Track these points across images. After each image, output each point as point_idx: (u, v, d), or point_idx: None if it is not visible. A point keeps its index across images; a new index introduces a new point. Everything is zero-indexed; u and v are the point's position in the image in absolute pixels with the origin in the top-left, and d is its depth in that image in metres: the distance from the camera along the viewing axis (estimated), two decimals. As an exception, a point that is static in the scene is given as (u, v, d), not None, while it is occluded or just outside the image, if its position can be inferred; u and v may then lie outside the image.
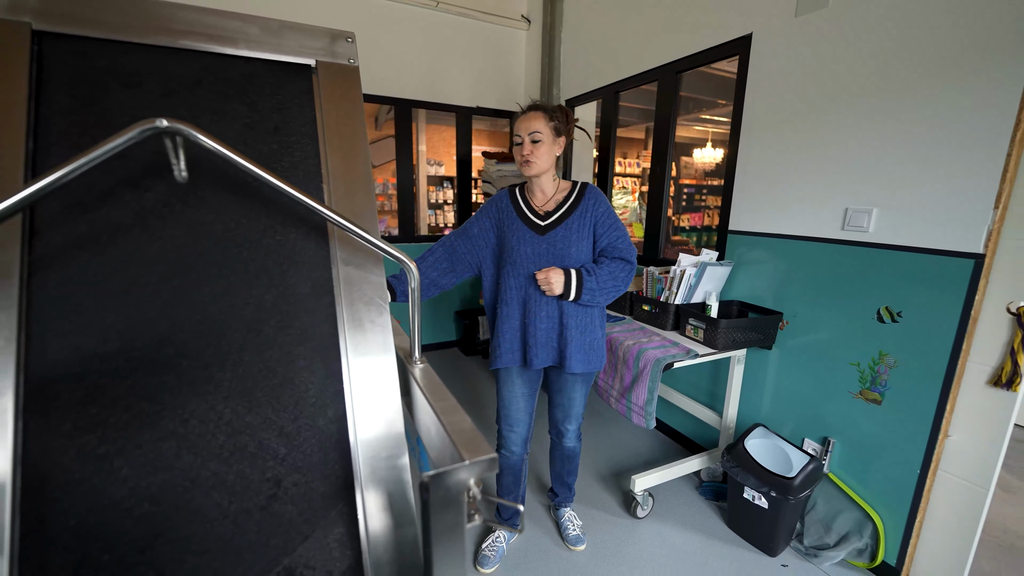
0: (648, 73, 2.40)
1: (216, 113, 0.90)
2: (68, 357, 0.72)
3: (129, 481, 0.71)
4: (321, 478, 0.81)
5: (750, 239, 1.96)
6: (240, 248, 0.85)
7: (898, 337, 1.51)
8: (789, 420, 1.86)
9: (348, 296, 0.90)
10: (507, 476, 1.59)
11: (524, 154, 1.34)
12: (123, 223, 0.79)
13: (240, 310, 0.83)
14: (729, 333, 1.76)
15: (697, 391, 2.26)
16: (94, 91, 0.82)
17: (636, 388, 1.70)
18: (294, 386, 0.83)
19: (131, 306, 0.76)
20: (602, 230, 1.40)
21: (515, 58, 3.44)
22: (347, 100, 1.01)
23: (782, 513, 1.61)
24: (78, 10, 0.83)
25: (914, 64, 1.42)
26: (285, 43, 0.98)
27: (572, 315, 1.39)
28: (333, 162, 0.95)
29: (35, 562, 0.65)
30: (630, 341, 1.80)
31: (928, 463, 1.48)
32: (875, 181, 1.53)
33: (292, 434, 0.81)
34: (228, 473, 0.76)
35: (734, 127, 1.97)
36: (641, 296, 2.14)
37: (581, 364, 1.41)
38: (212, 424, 0.77)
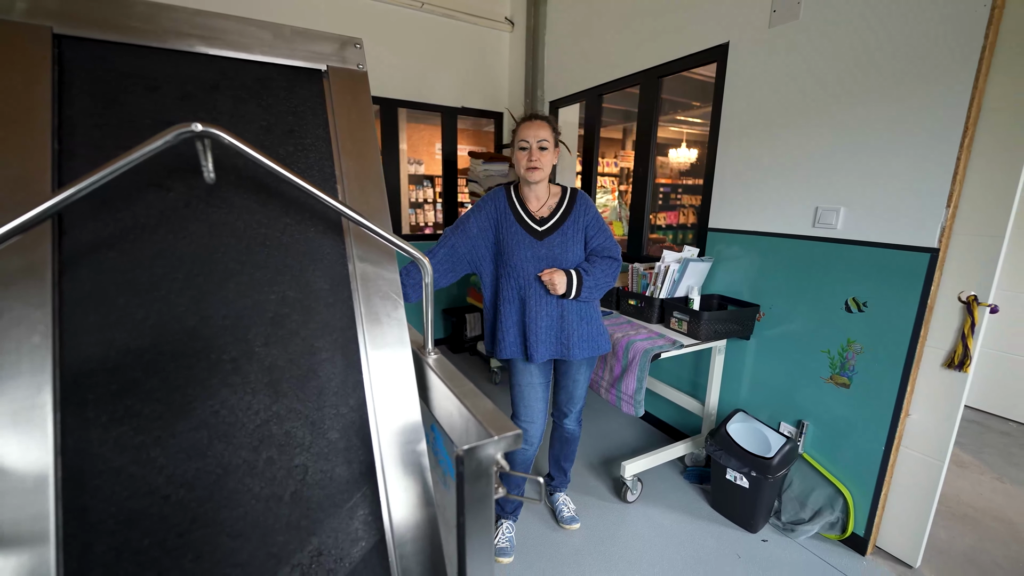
0: (631, 77, 2.50)
1: (233, 116, 0.93)
2: (102, 352, 0.74)
3: (165, 469, 0.74)
4: (345, 463, 0.86)
5: (728, 236, 2.08)
6: (261, 246, 0.89)
7: (864, 325, 1.64)
8: (766, 405, 1.98)
9: (365, 291, 0.94)
10: (519, 468, 1.64)
11: (532, 160, 1.41)
12: (148, 222, 0.82)
13: (264, 305, 0.86)
14: (711, 325, 1.86)
15: (680, 381, 2.38)
16: (115, 94, 0.85)
17: (626, 378, 1.79)
18: (317, 377, 0.87)
19: (160, 302, 0.79)
20: (592, 232, 1.50)
21: (499, 59, 3.50)
22: (357, 104, 1.05)
23: (761, 491, 1.72)
24: (98, 14, 0.85)
25: (876, 74, 1.54)
26: (297, 49, 1.01)
27: (572, 309, 1.48)
28: (346, 164, 1.00)
29: (79, 548, 0.67)
30: (619, 334, 1.89)
31: (891, 440, 1.61)
32: (842, 182, 1.66)
33: (317, 422, 0.85)
34: (258, 460, 0.80)
35: (713, 130, 2.08)
36: (627, 291, 2.23)
37: (585, 351, 1.51)
38: (241, 414, 0.80)
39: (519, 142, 1.43)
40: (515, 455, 1.61)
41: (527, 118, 1.44)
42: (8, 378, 0.67)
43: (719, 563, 1.65)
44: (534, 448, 1.61)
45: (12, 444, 0.66)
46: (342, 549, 0.83)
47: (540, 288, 1.45)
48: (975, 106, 1.35)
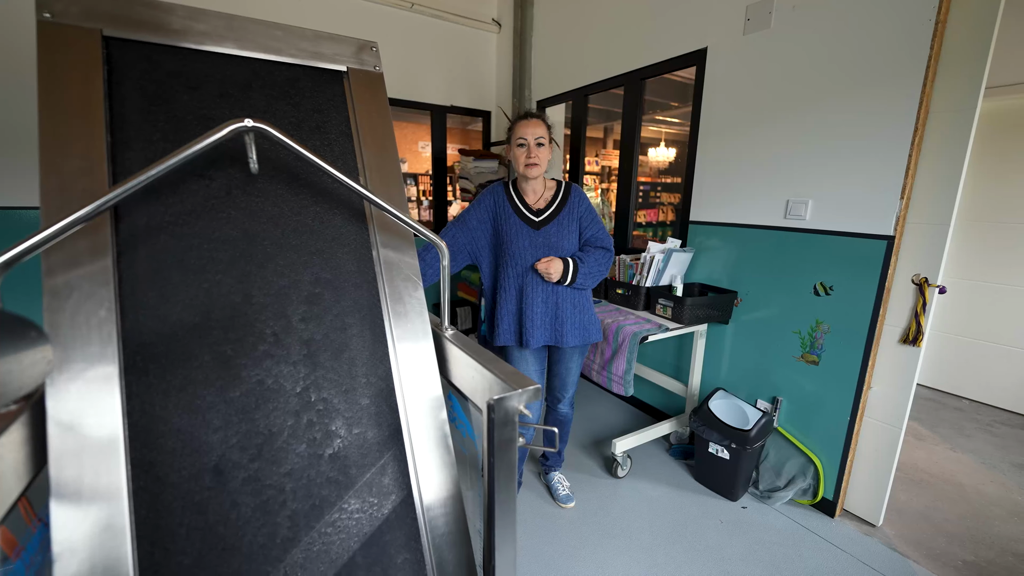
0: (616, 78, 2.63)
1: (266, 113, 1.01)
2: (159, 326, 0.82)
3: (220, 430, 0.82)
4: (376, 426, 0.95)
5: (708, 228, 2.23)
6: (296, 231, 0.97)
7: (831, 307, 1.80)
8: (744, 384, 2.14)
9: (388, 273, 1.04)
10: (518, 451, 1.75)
11: (531, 156, 1.52)
12: (193, 209, 0.90)
13: (300, 285, 0.95)
14: (693, 310, 2.01)
15: (664, 365, 2.52)
16: (161, 91, 0.92)
17: (616, 360, 1.92)
18: (349, 350, 0.96)
19: (208, 281, 0.87)
20: (586, 223, 1.62)
21: (487, 59, 3.59)
22: (376, 103, 1.14)
23: (741, 462, 1.87)
24: (145, 18, 0.92)
25: (838, 79, 1.71)
26: (322, 51, 1.10)
27: (567, 298, 1.58)
28: (368, 156, 1.09)
29: (148, 498, 0.75)
30: (608, 319, 2.01)
31: (855, 412, 1.78)
32: (810, 176, 1.82)
33: (350, 390, 0.94)
34: (299, 423, 0.89)
35: (693, 128, 2.23)
36: (615, 281, 2.36)
37: (578, 338, 1.61)
38: (283, 382, 0.89)
39: (517, 140, 1.53)
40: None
41: (523, 117, 1.55)
42: (81, 347, 0.75)
43: (703, 528, 1.80)
44: (530, 433, 1.71)
45: (87, 406, 0.73)
46: (375, 502, 0.92)
47: (537, 276, 1.56)
48: (924, 108, 1.52)
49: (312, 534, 0.86)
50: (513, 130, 1.55)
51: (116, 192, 0.72)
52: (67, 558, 0.68)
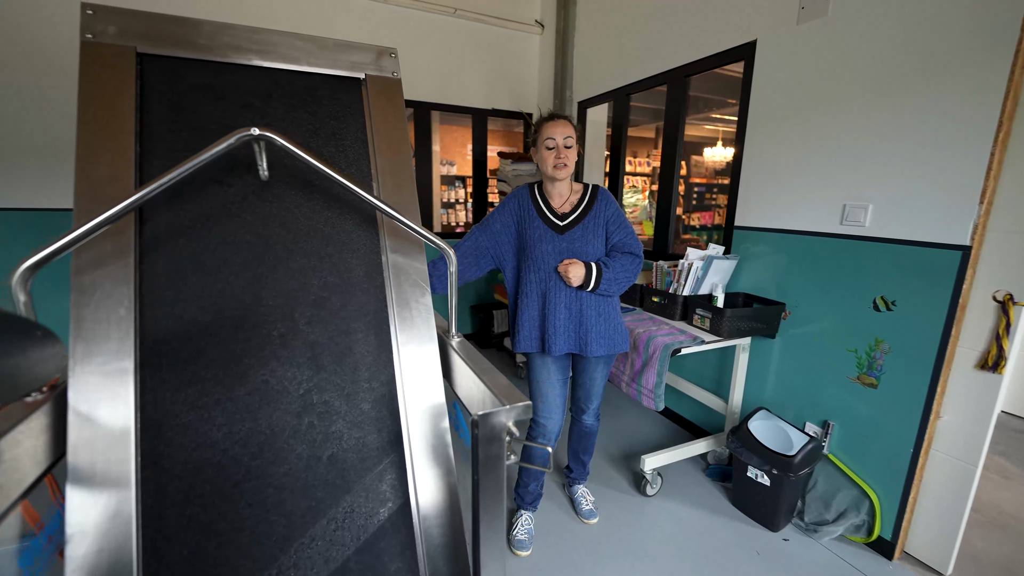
0: (658, 76, 2.52)
1: (285, 121, 1.05)
2: (174, 324, 0.86)
3: (224, 428, 0.85)
4: (376, 432, 0.95)
5: (755, 234, 2.07)
6: (307, 236, 1.00)
7: (892, 324, 1.61)
8: (791, 405, 1.96)
9: (396, 279, 1.04)
10: (539, 463, 1.67)
11: (560, 158, 1.47)
12: (212, 213, 0.94)
13: (308, 288, 0.97)
14: (733, 322, 1.87)
15: (704, 379, 2.38)
16: (187, 103, 0.98)
17: (646, 372, 1.82)
18: (353, 354, 0.97)
19: (222, 283, 0.91)
20: (613, 228, 1.54)
21: (528, 61, 3.57)
22: (392, 108, 1.15)
23: (783, 490, 1.72)
24: (175, 35, 0.98)
25: (906, 68, 1.52)
26: (340, 59, 1.12)
27: (592, 305, 1.52)
28: (381, 162, 1.10)
29: (154, 488, 0.79)
30: (640, 329, 1.92)
31: (920, 443, 1.58)
32: (871, 178, 1.64)
33: (352, 394, 0.95)
34: (301, 425, 0.90)
35: (740, 127, 2.08)
36: (651, 288, 2.26)
37: (603, 348, 1.54)
38: (288, 383, 0.91)
39: (545, 141, 1.49)
40: (533, 451, 1.67)
41: (550, 117, 1.50)
42: (101, 342, 0.80)
43: (737, 558, 1.66)
44: (552, 443, 1.66)
45: (103, 398, 0.78)
46: (371, 508, 0.93)
47: (560, 282, 1.51)
48: (1011, 99, 1.32)
49: (307, 536, 0.87)
50: (540, 131, 1.51)
51: (133, 198, 0.77)
52: (78, 540, 0.73)
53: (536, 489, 1.73)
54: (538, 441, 1.65)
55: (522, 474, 1.74)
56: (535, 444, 0.73)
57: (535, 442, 1.71)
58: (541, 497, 1.78)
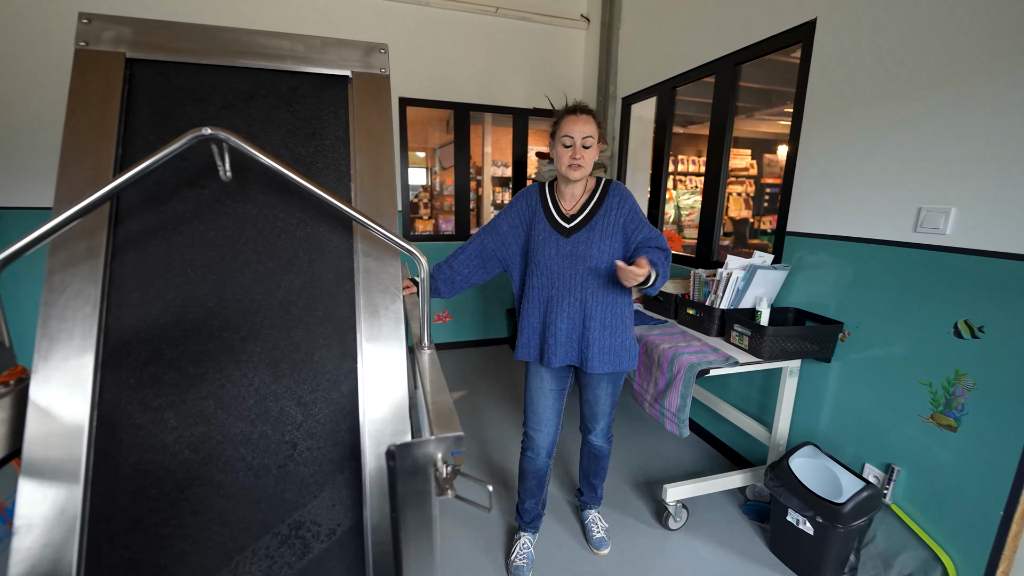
0: (705, 67, 2.29)
1: (265, 121, 1.03)
2: (138, 324, 0.87)
3: (176, 431, 0.84)
4: (332, 445, 0.91)
5: (810, 241, 1.81)
6: (277, 238, 0.97)
7: (979, 355, 1.31)
8: (848, 442, 1.68)
9: (366, 284, 0.99)
10: (531, 480, 1.57)
11: (576, 158, 1.33)
12: (185, 215, 0.94)
13: (274, 292, 0.95)
14: (777, 342, 1.64)
15: (747, 402, 2.12)
16: (171, 106, 0.99)
17: (669, 393, 1.64)
18: (314, 361, 0.93)
19: (188, 284, 0.91)
20: (633, 226, 1.38)
21: (572, 58, 3.44)
22: (377, 106, 1.10)
23: (830, 542, 1.47)
24: (163, 40, 1.00)
25: (998, 49, 1.23)
26: (326, 58, 1.09)
27: (597, 316, 1.38)
28: (361, 163, 1.05)
29: (103, 487, 0.80)
30: (666, 345, 1.74)
31: (1015, 503, 1.27)
32: (953, 178, 1.35)
33: (309, 404, 0.91)
34: (253, 432, 0.88)
35: (795, 120, 1.83)
36: (687, 299, 2.05)
37: (605, 364, 1.39)
38: (243, 389, 0.89)
39: (562, 137, 1.35)
40: (524, 463, 1.56)
41: (570, 111, 1.37)
42: (64, 340, 0.82)
43: (769, 615, 1.44)
44: (543, 457, 1.53)
45: (62, 394, 0.80)
46: (320, 526, 0.88)
47: (564, 289, 1.38)
48: None
49: (249, 550, 0.84)
50: (559, 125, 1.37)
51: (88, 202, 0.77)
52: (24, 533, 0.74)
53: (534, 508, 1.61)
54: (527, 455, 1.55)
55: (519, 491, 1.63)
56: (471, 477, 0.63)
57: (526, 471, 1.60)
58: (542, 518, 1.66)
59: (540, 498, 1.61)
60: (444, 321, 3.57)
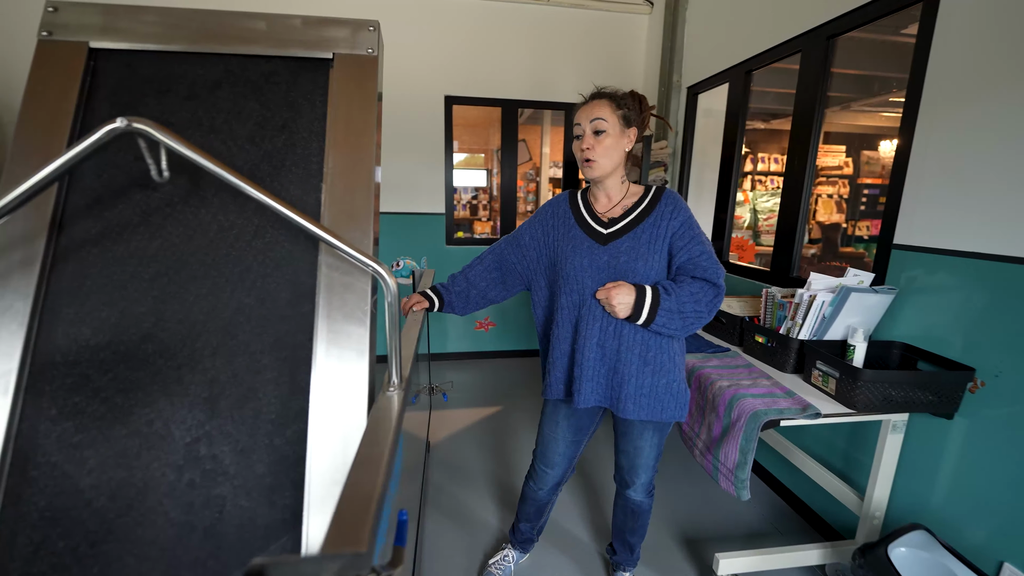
0: (789, 43, 1.90)
1: (231, 113, 0.90)
2: (67, 345, 0.76)
3: (94, 473, 0.72)
4: (268, 505, 0.74)
5: (928, 258, 1.39)
6: (230, 248, 0.83)
7: None
8: (977, 529, 1.25)
9: (328, 305, 0.82)
10: (530, 506, 1.41)
11: (584, 149, 1.10)
12: (131, 221, 0.83)
13: (220, 311, 0.80)
14: (877, 389, 1.26)
15: (830, 452, 1.71)
16: (132, 98, 0.89)
17: (726, 444, 1.32)
18: (257, 399, 0.78)
19: (126, 300, 0.79)
20: (681, 243, 1.09)
21: (633, 47, 3.12)
22: (361, 93, 0.93)
23: (948, 668, 1.08)
24: (127, 25, 0.89)
25: None
26: (305, 39, 0.94)
27: (634, 346, 1.11)
28: (335, 161, 0.89)
29: (6, 535, 0.69)
30: (725, 382, 1.41)
31: None
32: None
33: (247, 450, 0.76)
34: (180, 482, 0.73)
35: (909, 106, 1.42)
36: (756, 324, 1.69)
37: (642, 410, 1.13)
38: (174, 427, 0.75)
39: (574, 128, 1.13)
40: (527, 490, 1.40)
41: (585, 99, 1.14)
42: (-15, 361, 0.73)
43: None
44: (547, 491, 1.36)
45: (-26, 424, 0.71)
46: (247, 605, 0.72)
47: (595, 308, 1.13)
48: None
49: (159, 627, 0.70)
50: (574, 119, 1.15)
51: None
52: (-85, 583, 0.66)
53: (528, 531, 1.46)
54: (530, 484, 1.38)
55: (517, 510, 1.48)
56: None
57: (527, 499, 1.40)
58: (534, 543, 1.54)
59: (537, 524, 1.44)
60: (486, 329, 3.40)
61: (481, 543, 1.62)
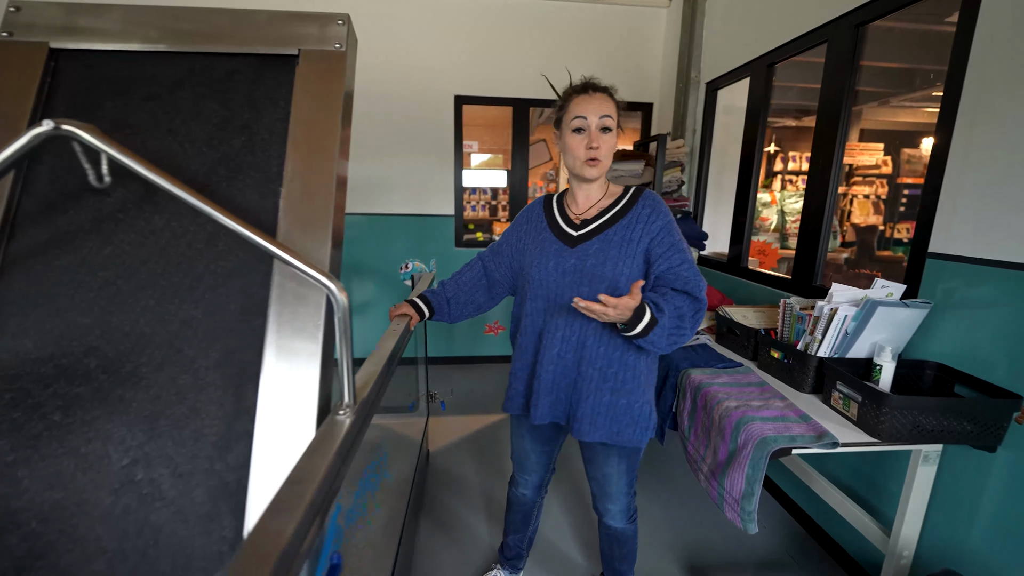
0: (815, 33, 1.75)
1: (191, 114, 0.86)
2: (9, 359, 0.73)
3: (27, 494, 0.68)
4: (203, 535, 0.69)
5: (969, 268, 1.24)
6: (182, 257, 0.79)
7: None
8: (1024, 577, 1.10)
9: (279, 319, 0.76)
10: (516, 513, 1.34)
11: (593, 146, 0.98)
12: (83, 227, 0.79)
13: (167, 324, 0.76)
14: (906, 416, 1.12)
15: (855, 477, 1.56)
16: (90, 100, 0.85)
17: (731, 472, 1.21)
18: (199, 419, 0.73)
19: (72, 310, 0.75)
20: (660, 250, 0.98)
21: (651, 42, 2.99)
22: (326, 91, 0.87)
23: None
24: (88, 24, 0.86)
25: None
26: (270, 35, 0.89)
27: (597, 361, 1.01)
28: (295, 163, 0.83)
29: (-65, 559, 0.66)
30: (733, 402, 1.29)
31: None
32: None
33: (186, 475, 0.71)
34: (115, 507, 0.69)
35: (947, 101, 1.27)
36: (773, 338, 1.56)
37: (597, 431, 1.03)
38: (112, 448, 0.71)
39: (572, 121, 1.00)
40: (510, 494, 1.34)
41: (582, 88, 1.02)
42: (-77, 375, 0.70)
43: None
44: (531, 493, 1.30)
45: (-92, 440, 0.68)
46: (178, 646, 0.67)
47: (560, 317, 1.03)
48: None
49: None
50: (566, 108, 1.02)
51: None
52: None
53: (517, 545, 1.38)
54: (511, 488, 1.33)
55: (505, 521, 1.41)
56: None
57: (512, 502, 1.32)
58: (524, 559, 1.45)
59: (525, 535, 1.36)
60: (496, 333, 3.33)
61: (472, 561, 1.55)
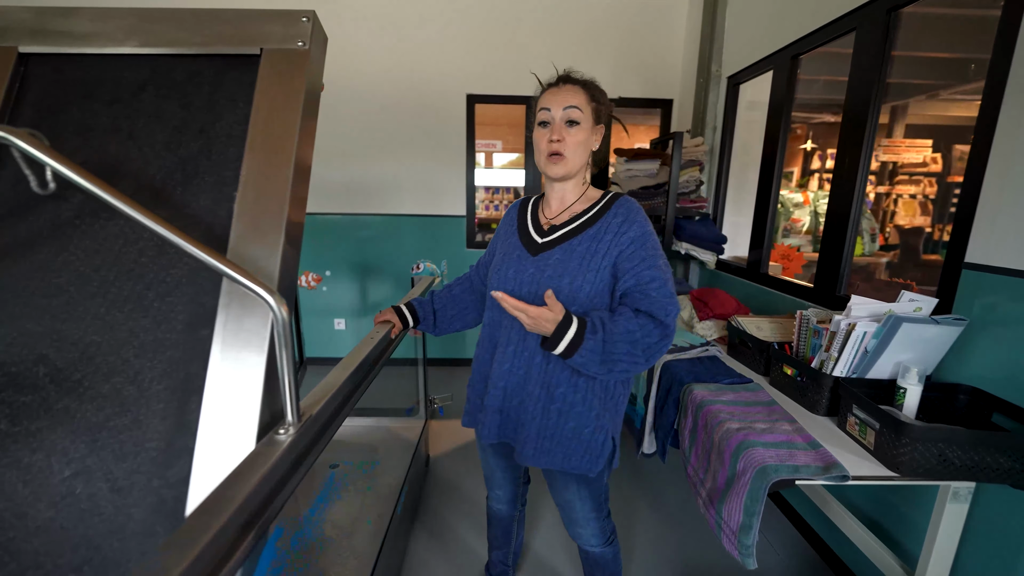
0: (839, 22, 1.60)
1: (151, 117, 0.84)
2: (-39, 369, 0.73)
3: (-31, 506, 0.68)
4: (139, 555, 0.67)
5: (1014, 282, 1.09)
6: (133, 264, 0.77)
7: None
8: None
9: (226, 332, 0.73)
10: (495, 527, 1.30)
11: (554, 140, 0.91)
12: (41, 233, 0.78)
13: (116, 333, 0.74)
14: (932, 448, 0.99)
15: (877, 506, 1.42)
16: (57, 105, 0.85)
17: (729, 500, 1.11)
18: (141, 431, 0.70)
19: (24, 318, 0.75)
20: (628, 264, 0.89)
21: (668, 35, 2.85)
22: (286, 91, 0.84)
23: None
24: (57, 27, 0.86)
25: None
26: (233, 34, 0.86)
27: (547, 381, 0.93)
28: (250, 165, 0.80)
29: None
30: (735, 424, 1.19)
31: None
32: None
33: (125, 490, 0.68)
34: (55, 521, 0.67)
35: (988, 96, 1.13)
36: (787, 353, 1.44)
37: (541, 457, 0.95)
38: (56, 459, 0.69)
39: (538, 113, 0.94)
40: (488, 508, 1.30)
41: (555, 81, 0.96)
42: None
43: None
44: (506, 507, 1.25)
45: None
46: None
47: (513, 328, 0.96)
48: None
49: None
50: (537, 102, 0.96)
51: None
52: None
53: (500, 562, 1.34)
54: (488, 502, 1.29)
55: (488, 538, 1.38)
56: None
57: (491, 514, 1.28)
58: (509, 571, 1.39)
59: (508, 550, 1.32)
60: (507, 336, 3.27)
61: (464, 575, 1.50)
